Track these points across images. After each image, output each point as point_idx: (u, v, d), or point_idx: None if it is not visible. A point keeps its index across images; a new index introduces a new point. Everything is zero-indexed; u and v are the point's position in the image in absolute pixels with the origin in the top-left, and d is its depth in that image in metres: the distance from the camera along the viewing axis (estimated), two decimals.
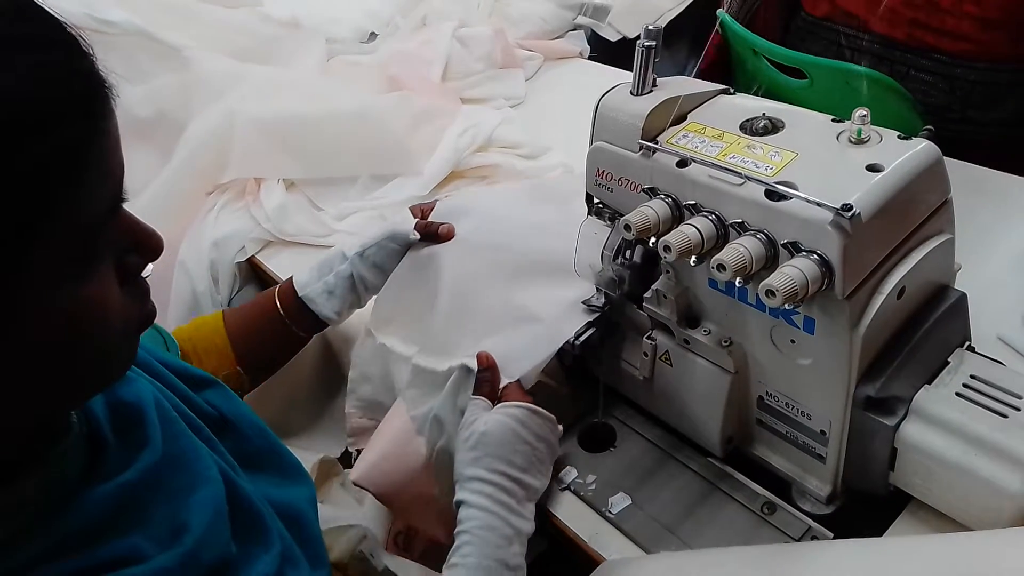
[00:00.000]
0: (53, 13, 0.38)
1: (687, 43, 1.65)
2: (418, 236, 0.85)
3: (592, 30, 1.61)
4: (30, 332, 0.38)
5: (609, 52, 1.57)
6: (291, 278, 0.85)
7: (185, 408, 0.56)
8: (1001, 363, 0.66)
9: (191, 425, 0.55)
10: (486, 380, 0.73)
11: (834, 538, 0.66)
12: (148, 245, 0.44)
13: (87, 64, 0.39)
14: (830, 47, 1.22)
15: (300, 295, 0.83)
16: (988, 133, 1.15)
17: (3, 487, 0.42)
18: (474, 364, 0.74)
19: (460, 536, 0.65)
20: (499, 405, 0.70)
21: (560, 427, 0.73)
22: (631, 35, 1.57)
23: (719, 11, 1.22)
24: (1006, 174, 1.02)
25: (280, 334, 0.84)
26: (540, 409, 0.70)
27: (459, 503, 0.67)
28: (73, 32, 0.38)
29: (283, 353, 0.88)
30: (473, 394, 0.72)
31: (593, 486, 0.74)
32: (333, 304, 0.83)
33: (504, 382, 0.73)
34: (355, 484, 0.77)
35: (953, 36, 1.10)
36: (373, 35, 1.54)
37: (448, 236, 0.85)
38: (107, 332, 0.42)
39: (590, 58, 1.54)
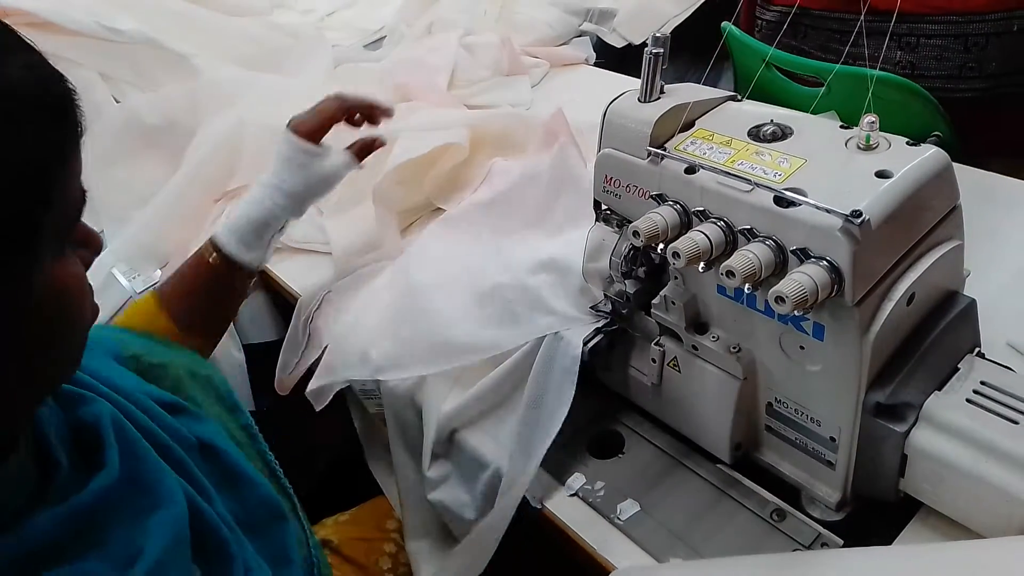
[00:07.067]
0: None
1: (689, 51, 1.65)
2: (361, 165, 0.91)
3: (598, 36, 1.61)
4: (27, 304, 0.39)
5: (615, 58, 1.56)
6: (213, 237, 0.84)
7: (155, 427, 0.55)
8: (1011, 369, 0.66)
9: (158, 444, 0.54)
10: None
11: (844, 545, 0.66)
12: (94, 243, 0.48)
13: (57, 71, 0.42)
14: (833, 36, 1.21)
15: (236, 260, 0.82)
16: (1013, 86, 1.14)
17: None
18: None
19: None
20: None
21: None
22: (636, 41, 1.57)
23: (724, 23, 1.22)
24: (1015, 180, 1.02)
25: (220, 292, 0.84)
26: None
27: None
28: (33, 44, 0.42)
29: (229, 310, 0.89)
30: None
31: (601, 493, 0.74)
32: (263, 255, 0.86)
33: None
34: None
35: None
36: (379, 41, 1.55)
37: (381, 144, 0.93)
38: (83, 314, 0.44)
39: (595, 64, 1.54)
